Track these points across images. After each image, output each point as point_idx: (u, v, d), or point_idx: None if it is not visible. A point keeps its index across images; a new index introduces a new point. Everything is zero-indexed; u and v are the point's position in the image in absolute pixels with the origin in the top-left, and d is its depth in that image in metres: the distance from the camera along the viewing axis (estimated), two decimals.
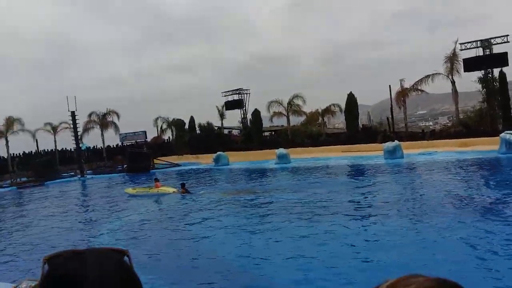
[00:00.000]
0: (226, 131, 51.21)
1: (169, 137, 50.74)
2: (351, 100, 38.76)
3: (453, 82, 35.45)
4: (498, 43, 33.03)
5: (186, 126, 47.01)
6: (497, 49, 32.91)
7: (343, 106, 39.66)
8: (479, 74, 33.90)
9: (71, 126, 37.75)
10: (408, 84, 38.15)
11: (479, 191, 13.68)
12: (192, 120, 47.01)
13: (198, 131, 46.91)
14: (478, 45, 33.35)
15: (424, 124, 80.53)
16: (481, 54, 33.26)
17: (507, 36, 32.63)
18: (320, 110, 43.16)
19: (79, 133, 39.81)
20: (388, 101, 39.41)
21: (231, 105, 47.69)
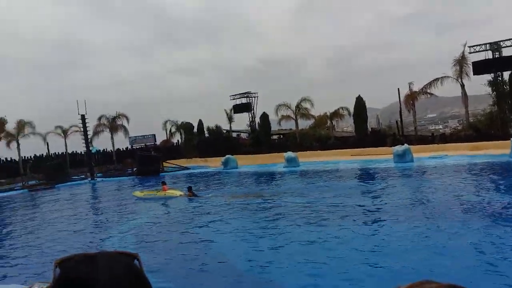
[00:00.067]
0: (235, 135, 51.30)
1: (178, 141, 51.00)
2: (360, 103, 38.59)
3: (463, 85, 35.19)
4: (508, 46, 32.66)
5: (195, 129, 47.17)
6: (507, 52, 32.58)
7: (352, 109, 39.52)
8: (489, 77, 33.66)
9: (81, 130, 38.07)
10: (417, 87, 37.97)
11: (490, 196, 13.51)
12: (201, 124, 47.16)
13: (207, 135, 47.06)
14: (487, 48, 33.04)
15: (434, 128, 79.90)
16: (491, 57, 32.98)
17: None
18: (329, 113, 43.12)
19: (89, 136, 40.12)
20: (397, 104, 39.17)
21: (239, 109, 47.77)
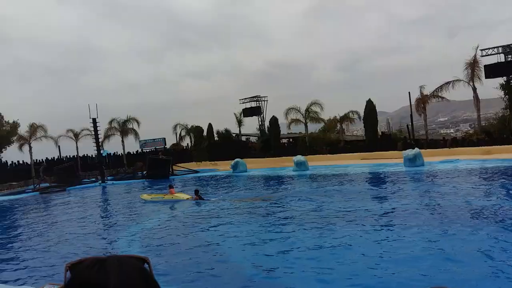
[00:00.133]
0: (244, 138, 51.36)
1: (188, 144, 51.19)
2: (370, 107, 38.36)
3: (474, 89, 34.82)
4: None
5: (204, 133, 47.32)
6: None
7: (362, 113, 39.34)
8: (501, 81, 33.31)
9: (93, 133, 38.39)
10: (428, 91, 37.68)
11: (502, 201, 13.32)
12: (210, 127, 47.28)
13: (216, 138, 47.18)
14: (500, 51, 32.73)
15: (445, 132, 79.19)
16: (503, 60, 32.65)
17: None
18: (339, 117, 42.95)
19: (100, 140, 40.44)
20: (408, 108, 38.87)
21: (249, 112, 47.85)
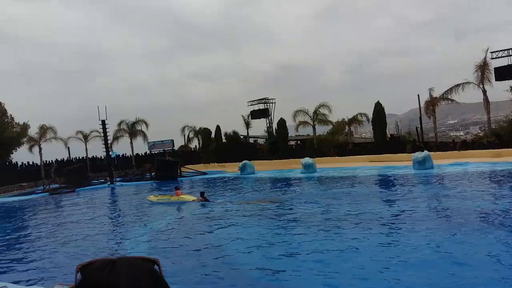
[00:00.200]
0: (252, 140, 51.38)
1: (196, 146, 51.35)
2: (379, 109, 38.17)
3: (484, 91, 34.52)
4: None
5: (212, 135, 47.43)
6: None
7: (371, 116, 39.15)
8: (511, 83, 33.02)
9: (102, 135, 38.67)
10: (437, 93, 37.42)
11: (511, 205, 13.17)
12: (218, 129, 47.39)
13: (224, 140, 47.26)
14: (510, 54, 32.43)
15: (455, 134, 78.48)
16: None
17: None
18: (347, 119, 42.78)
19: (109, 141, 40.70)
20: (417, 111, 38.60)
21: (257, 114, 47.91)
